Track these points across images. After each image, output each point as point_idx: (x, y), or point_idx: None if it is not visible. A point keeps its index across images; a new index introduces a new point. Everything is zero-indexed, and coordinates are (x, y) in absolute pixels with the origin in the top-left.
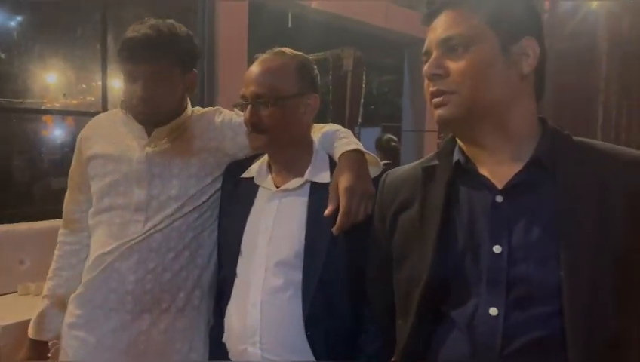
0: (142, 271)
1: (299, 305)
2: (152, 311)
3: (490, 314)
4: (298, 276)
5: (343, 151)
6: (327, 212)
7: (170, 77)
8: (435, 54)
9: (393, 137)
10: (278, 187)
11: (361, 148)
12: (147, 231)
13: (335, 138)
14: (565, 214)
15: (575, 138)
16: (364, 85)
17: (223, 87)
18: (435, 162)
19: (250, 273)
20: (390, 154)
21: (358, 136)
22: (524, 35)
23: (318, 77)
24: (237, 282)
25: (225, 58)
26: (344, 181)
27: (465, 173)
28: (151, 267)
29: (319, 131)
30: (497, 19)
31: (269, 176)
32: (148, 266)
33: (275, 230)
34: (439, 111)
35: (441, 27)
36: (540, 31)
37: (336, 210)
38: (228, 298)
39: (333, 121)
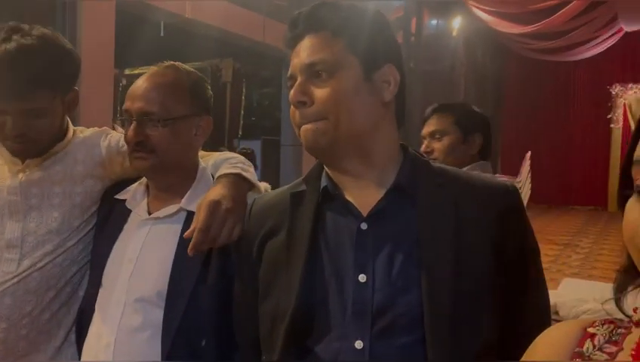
0: (16, 315)
1: (157, 348)
2: (29, 355)
3: (355, 348)
4: (159, 315)
5: (222, 173)
6: (187, 233)
7: (47, 108)
8: (299, 80)
9: (248, 148)
10: (150, 213)
11: (247, 175)
12: (23, 271)
13: (223, 163)
14: (425, 240)
15: (433, 164)
16: (243, 97)
17: (86, 98)
18: (303, 187)
19: (108, 308)
20: None
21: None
22: (386, 62)
23: (212, 98)
24: (94, 317)
25: (88, 67)
26: (208, 196)
27: (332, 198)
28: (27, 310)
29: (212, 158)
30: (360, 46)
31: (144, 201)
32: (24, 310)
33: (140, 261)
34: (314, 140)
35: (304, 52)
36: (399, 58)
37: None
38: (86, 334)
39: (212, 133)
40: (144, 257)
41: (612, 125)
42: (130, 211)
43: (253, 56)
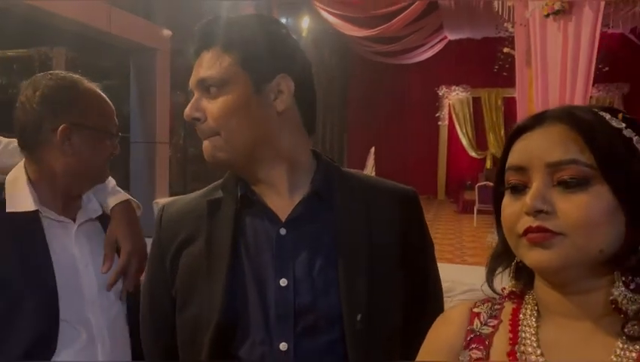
0: None
1: None
2: None
3: (280, 350)
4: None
5: (118, 201)
6: (104, 269)
7: None
8: (195, 95)
9: None
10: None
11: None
12: None
13: (102, 190)
14: (341, 243)
15: (343, 169)
16: None
17: None
18: (220, 194)
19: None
20: None
21: None
22: (278, 73)
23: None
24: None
25: None
26: (126, 244)
27: (251, 205)
28: None
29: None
30: (249, 60)
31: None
32: None
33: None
34: (211, 155)
35: (199, 67)
36: (296, 67)
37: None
38: None
39: None
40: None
41: (439, 123)
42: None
43: (94, 46)
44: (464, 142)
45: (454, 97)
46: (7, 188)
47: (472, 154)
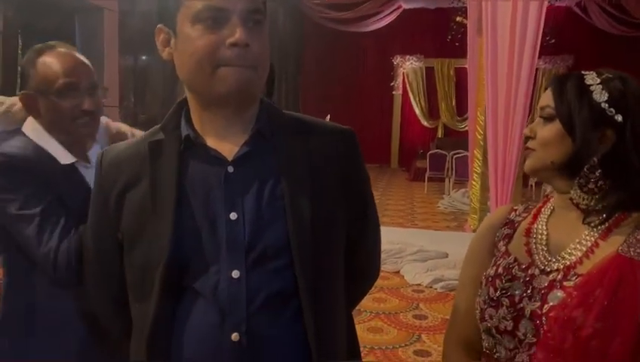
0: None
1: None
2: None
3: (233, 278)
4: None
5: None
6: None
7: None
8: (238, 21)
9: None
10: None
11: None
12: None
13: None
14: (285, 177)
15: (284, 112)
16: (20, 51)
17: None
18: (161, 136)
19: None
20: None
21: None
22: None
23: None
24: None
25: None
26: None
27: (194, 146)
28: None
29: None
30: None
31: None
32: None
33: None
34: (245, 86)
35: None
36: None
37: None
38: None
39: None
40: None
41: (394, 92)
42: None
43: (34, 5)
44: (417, 111)
45: (408, 67)
46: (41, 143)
47: (425, 123)
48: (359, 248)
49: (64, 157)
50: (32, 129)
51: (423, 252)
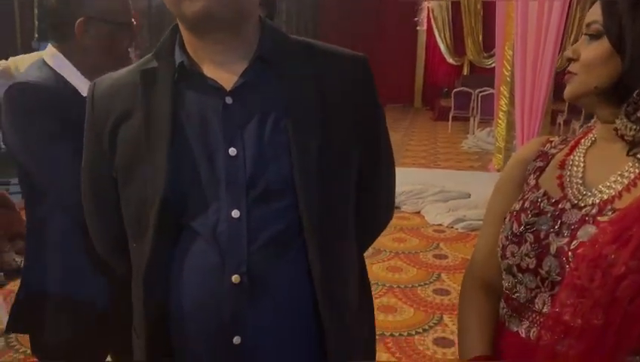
0: None
1: None
2: None
3: (233, 217)
4: None
5: None
6: None
7: None
8: None
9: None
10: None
11: None
12: None
13: None
14: (291, 109)
15: (291, 36)
16: None
17: None
18: (154, 64)
19: None
20: None
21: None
22: None
23: None
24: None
25: None
26: None
27: (190, 75)
28: None
29: None
30: None
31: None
32: None
33: None
34: (213, 3)
35: None
36: None
37: None
38: None
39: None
40: None
41: (418, 28)
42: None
43: None
44: (442, 47)
45: (434, 2)
46: (65, 75)
47: (450, 60)
48: (371, 186)
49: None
50: (55, 59)
51: (444, 192)
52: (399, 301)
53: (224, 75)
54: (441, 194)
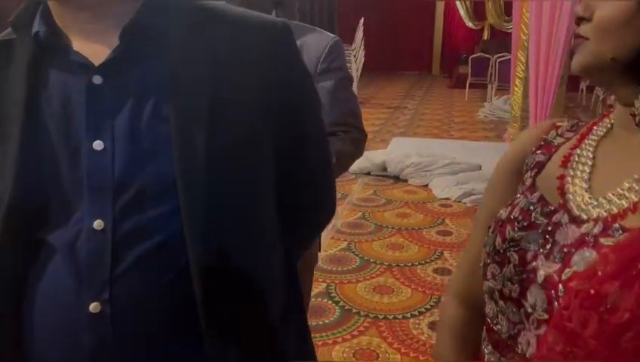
0: None
1: None
2: None
3: (94, 229)
4: None
5: None
6: None
7: None
8: None
9: None
10: None
11: None
12: None
13: None
14: (175, 91)
15: (192, 0)
16: None
17: None
18: (12, 35)
19: None
20: None
21: None
22: None
23: None
24: None
25: None
26: None
27: (51, 49)
28: None
29: None
30: None
31: None
32: None
33: None
34: None
35: None
36: None
37: None
38: None
39: None
40: None
41: None
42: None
43: None
44: (461, 12)
45: None
46: None
47: (469, 24)
48: (294, 182)
49: None
50: None
51: (454, 164)
52: (397, 281)
53: (95, 47)
54: (450, 167)
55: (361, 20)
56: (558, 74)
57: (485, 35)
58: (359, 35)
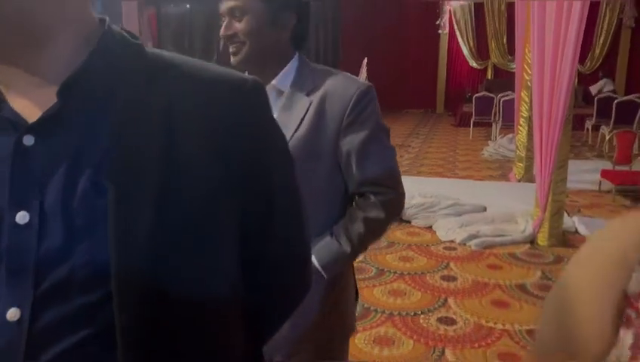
0: None
1: None
2: None
3: (8, 321)
4: None
5: None
6: None
7: None
8: None
9: None
10: None
11: None
12: None
13: None
14: (118, 159)
15: (148, 49)
16: None
17: None
18: None
19: None
20: None
21: None
22: None
23: None
24: None
25: None
26: None
27: None
28: None
29: None
30: None
31: None
32: None
33: None
34: None
35: None
36: None
37: None
38: None
39: None
40: None
41: (440, 31)
42: None
43: None
44: (465, 51)
45: (455, 3)
46: None
47: (473, 64)
48: (257, 264)
49: None
50: None
51: (458, 205)
52: (398, 331)
53: (31, 104)
54: (454, 208)
55: (365, 60)
56: (563, 113)
57: (489, 75)
58: (363, 74)
